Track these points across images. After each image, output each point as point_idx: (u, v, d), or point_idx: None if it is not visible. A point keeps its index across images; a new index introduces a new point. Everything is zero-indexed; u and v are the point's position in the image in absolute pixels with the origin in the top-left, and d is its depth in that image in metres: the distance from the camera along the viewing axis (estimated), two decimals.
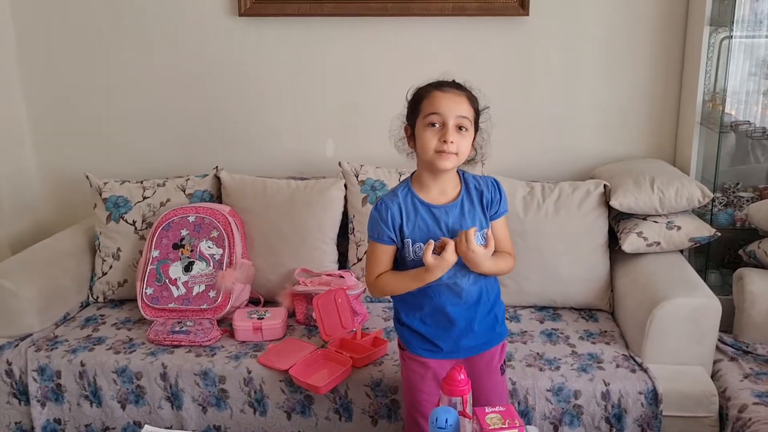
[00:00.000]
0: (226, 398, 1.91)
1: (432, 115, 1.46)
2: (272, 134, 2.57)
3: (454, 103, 1.46)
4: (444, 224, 1.51)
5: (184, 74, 2.55)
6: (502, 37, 2.41)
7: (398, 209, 1.51)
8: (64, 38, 2.56)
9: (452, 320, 1.55)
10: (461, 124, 1.46)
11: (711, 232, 2.12)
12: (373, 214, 1.54)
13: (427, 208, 1.51)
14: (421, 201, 1.52)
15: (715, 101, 2.26)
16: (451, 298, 1.53)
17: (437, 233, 1.50)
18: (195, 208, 2.25)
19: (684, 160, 2.37)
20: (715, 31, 2.22)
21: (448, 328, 1.56)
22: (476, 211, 1.53)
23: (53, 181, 2.70)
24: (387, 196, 1.55)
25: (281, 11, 2.42)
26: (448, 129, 1.45)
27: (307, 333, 2.08)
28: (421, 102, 1.50)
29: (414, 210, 1.52)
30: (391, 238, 1.51)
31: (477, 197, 1.54)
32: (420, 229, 1.50)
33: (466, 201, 1.53)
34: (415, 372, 1.61)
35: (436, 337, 1.57)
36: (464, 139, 1.47)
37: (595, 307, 2.20)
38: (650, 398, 1.78)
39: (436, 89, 1.49)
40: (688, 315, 1.85)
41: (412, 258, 1.51)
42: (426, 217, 1.51)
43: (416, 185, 1.55)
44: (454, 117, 1.46)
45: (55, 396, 1.97)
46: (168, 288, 2.16)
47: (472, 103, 1.50)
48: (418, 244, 1.50)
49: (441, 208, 1.51)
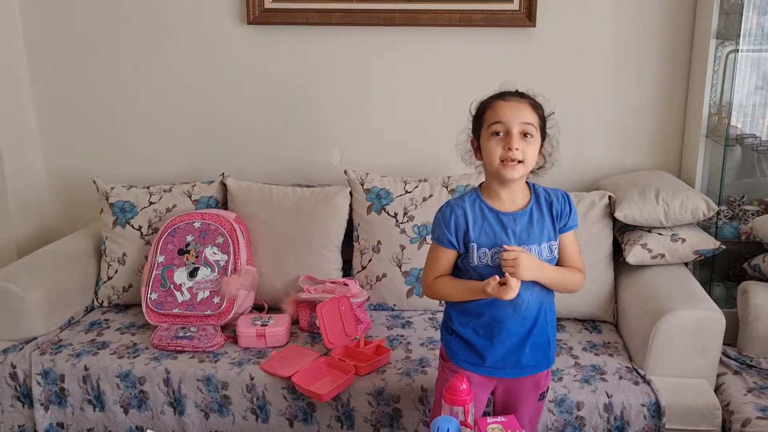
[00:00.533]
0: (229, 404, 1.91)
1: (495, 124, 1.45)
2: (279, 141, 2.59)
3: (517, 110, 1.45)
4: (511, 231, 1.48)
5: (193, 81, 2.57)
6: (509, 48, 2.42)
7: (463, 214, 1.49)
8: (73, 45, 2.58)
9: (508, 333, 1.51)
10: (525, 130, 1.45)
11: (716, 245, 2.12)
12: (437, 216, 1.53)
13: (495, 214, 1.49)
14: (489, 207, 1.50)
15: (721, 114, 2.26)
16: (510, 311, 1.50)
17: (504, 240, 1.47)
18: (201, 214, 2.27)
19: (689, 173, 2.37)
20: (722, 44, 2.23)
21: (501, 342, 1.52)
22: (545, 221, 1.51)
23: (61, 186, 2.72)
24: (454, 201, 1.54)
25: (290, 20, 2.43)
26: (512, 136, 1.43)
27: (311, 340, 2.09)
28: (484, 113, 1.49)
29: (482, 215, 1.49)
30: (451, 241, 1.49)
31: (547, 207, 1.51)
32: (486, 235, 1.48)
33: (535, 210, 1.51)
34: None
35: (485, 348, 1.53)
36: (530, 146, 1.45)
37: (599, 319, 2.19)
38: (653, 411, 1.78)
39: (498, 99, 1.48)
40: (692, 328, 1.85)
41: (475, 264, 1.48)
42: (493, 223, 1.49)
43: (485, 194, 1.53)
44: (518, 124, 1.44)
45: (58, 400, 1.98)
46: (173, 293, 2.17)
47: (536, 110, 1.48)
48: (483, 250, 1.47)
49: (509, 215, 1.49)
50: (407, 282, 2.22)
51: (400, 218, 2.23)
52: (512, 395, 1.60)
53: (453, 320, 1.58)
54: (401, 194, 2.25)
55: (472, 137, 1.56)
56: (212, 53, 2.53)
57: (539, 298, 1.52)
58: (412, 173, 2.37)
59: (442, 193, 2.25)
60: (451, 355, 1.59)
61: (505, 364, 1.54)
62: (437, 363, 1.92)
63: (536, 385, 1.60)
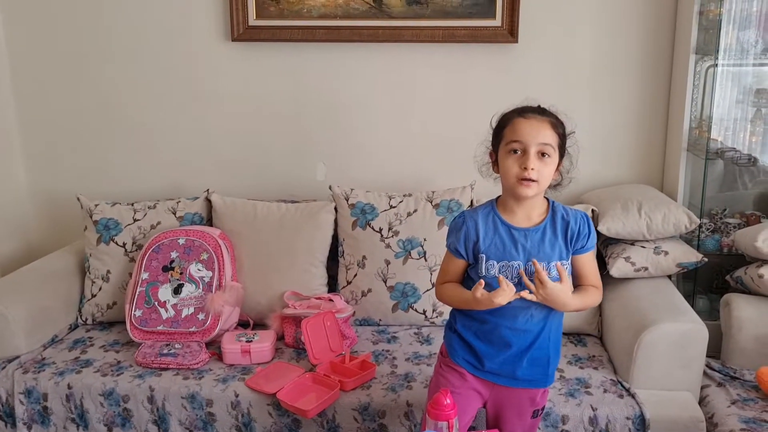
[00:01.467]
0: (214, 422, 1.90)
1: (514, 142, 1.46)
2: (263, 158, 2.59)
3: (536, 130, 1.45)
4: (521, 246, 1.48)
5: (177, 98, 2.57)
6: (492, 64, 2.44)
7: (474, 225, 1.51)
8: (56, 62, 2.58)
9: (507, 343, 1.53)
10: (543, 150, 1.45)
11: (698, 257, 2.14)
12: (452, 224, 1.57)
13: (507, 228, 1.50)
14: (502, 221, 1.51)
15: (702, 128, 2.29)
16: (510, 321, 1.51)
17: (513, 255, 1.48)
18: (185, 230, 2.26)
19: (671, 186, 2.39)
20: (701, 59, 2.26)
21: (501, 350, 1.54)
22: (558, 240, 1.50)
23: (44, 203, 2.71)
24: (468, 212, 1.56)
25: (274, 37, 2.45)
26: (529, 156, 1.44)
27: (296, 356, 2.08)
28: (504, 128, 1.50)
29: (494, 228, 1.51)
30: (459, 251, 1.53)
31: (562, 227, 1.51)
32: (496, 248, 1.49)
33: (549, 228, 1.51)
34: (450, 382, 1.58)
35: (485, 355, 1.55)
36: (546, 166, 1.46)
37: (584, 332, 2.20)
38: (638, 424, 1.78)
39: (519, 116, 1.48)
40: (676, 340, 1.86)
41: (483, 274, 1.49)
42: (504, 237, 1.49)
43: (500, 208, 1.54)
44: (536, 144, 1.44)
45: (41, 419, 1.96)
46: (157, 310, 2.16)
47: (556, 129, 1.48)
48: (492, 262, 1.48)
49: (521, 231, 1.50)
50: (392, 297, 2.22)
51: (385, 233, 2.24)
52: (505, 407, 1.60)
53: (457, 321, 1.59)
54: (386, 209, 2.26)
55: (491, 149, 1.57)
56: (196, 70, 2.54)
57: (544, 314, 1.52)
58: (397, 188, 2.38)
59: (426, 208, 2.26)
60: (450, 352, 1.60)
61: (502, 372, 1.56)
62: (422, 378, 1.93)
63: (531, 402, 1.60)
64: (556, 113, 1.52)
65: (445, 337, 1.65)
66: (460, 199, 2.28)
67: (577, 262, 1.54)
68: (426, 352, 2.08)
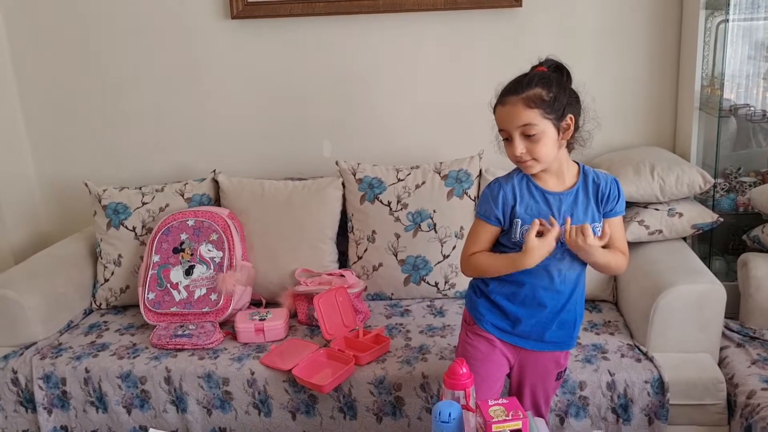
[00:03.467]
0: (231, 400, 1.91)
1: (500, 131, 1.48)
2: (269, 136, 2.57)
3: (512, 114, 1.44)
4: (556, 210, 1.49)
5: (179, 79, 2.55)
6: (496, 30, 2.40)
7: (512, 190, 1.50)
8: (57, 48, 2.56)
9: (541, 304, 1.52)
10: (525, 132, 1.43)
11: (713, 218, 2.10)
12: (485, 192, 1.54)
13: (541, 192, 1.50)
14: (536, 186, 1.50)
15: (714, 86, 2.24)
16: (547, 282, 1.51)
17: (548, 218, 1.48)
18: (194, 212, 2.25)
19: (684, 147, 2.35)
20: (711, 14, 2.20)
21: (535, 312, 1.53)
22: (590, 202, 1.51)
23: (53, 190, 2.71)
24: (502, 178, 1.54)
25: (273, 12, 2.41)
26: (514, 141, 1.44)
27: (309, 333, 2.08)
28: (495, 117, 1.51)
29: (528, 192, 1.50)
30: (498, 218, 1.50)
31: (593, 190, 1.52)
32: (531, 212, 1.49)
33: (581, 191, 1.51)
34: (478, 350, 1.57)
35: (519, 316, 1.54)
36: (536, 143, 1.43)
37: (599, 298, 2.18)
38: (656, 387, 1.77)
39: (498, 104, 1.48)
40: (693, 302, 1.84)
41: (517, 239, 1.49)
42: (539, 201, 1.49)
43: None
44: (516, 128, 1.44)
45: (61, 403, 1.98)
46: (170, 292, 2.17)
47: (533, 103, 1.42)
48: (527, 226, 1.47)
49: (555, 195, 1.50)
50: (404, 270, 2.21)
51: (393, 207, 2.22)
52: (529, 372, 1.60)
53: (488, 284, 1.57)
54: (394, 182, 2.24)
55: None
56: (197, 50, 2.51)
57: (577, 273, 1.53)
58: (404, 161, 2.35)
59: (434, 180, 2.24)
60: (476, 316, 1.59)
61: (530, 335, 1.55)
62: (437, 350, 1.93)
63: (556, 364, 1.60)
64: (533, 77, 1.45)
65: (468, 303, 1.63)
66: (468, 169, 2.25)
67: (606, 225, 1.53)
68: (439, 324, 2.07)
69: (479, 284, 1.60)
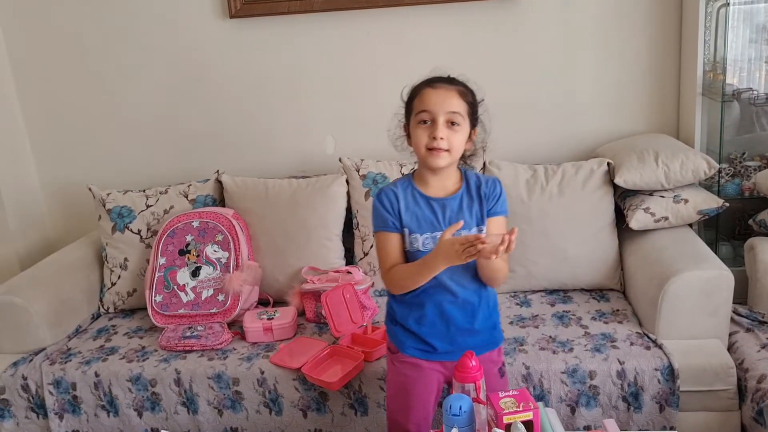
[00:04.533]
0: (241, 400, 1.91)
1: (422, 112, 1.46)
2: (271, 134, 2.57)
3: (444, 98, 1.45)
4: (442, 216, 1.50)
5: (179, 80, 2.55)
6: (496, 21, 2.39)
7: (395, 197, 1.50)
8: (56, 53, 2.56)
9: (450, 319, 1.51)
10: (452, 119, 1.45)
11: (719, 203, 2.09)
12: (375, 203, 1.53)
13: (425, 200, 1.51)
14: (420, 193, 1.52)
15: (716, 71, 2.23)
16: (449, 297, 1.50)
17: (435, 226, 1.49)
18: (198, 213, 2.25)
19: (688, 133, 2.34)
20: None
21: (446, 328, 1.52)
22: (474, 205, 1.52)
23: (57, 196, 2.72)
24: (386, 187, 1.55)
25: (271, 10, 2.41)
26: (437, 125, 1.44)
27: (318, 330, 2.08)
28: (413, 100, 1.50)
29: (413, 200, 1.51)
30: (395, 224, 1.50)
31: (476, 192, 1.52)
32: (418, 220, 1.49)
33: (465, 196, 1.52)
34: (407, 375, 1.56)
35: (432, 336, 1.53)
36: (456, 134, 1.46)
37: (606, 287, 2.18)
38: (667, 374, 1.76)
39: (427, 86, 1.48)
40: (701, 288, 1.83)
41: (408, 249, 1.50)
42: (424, 208, 1.50)
43: (417, 180, 1.54)
44: (444, 113, 1.44)
45: (72, 408, 1.99)
46: (177, 294, 2.17)
47: (465, 97, 1.48)
48: (415, 235, 1.49)
49: (439, 201, 1.51)
50: None
51: None
52: None
53: (395, 312, 1.57)
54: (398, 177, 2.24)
55: (404, 122, 1.56)
56: (196, 50, 2.51)
57: (476, 285, 1.52)
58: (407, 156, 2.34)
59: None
60: (398, 345, 1.57)
61: (455, 347, 1.52)
62: None
63: (493, 363, 1.58)
64: (465, 82, 1.50)
65: (388, 332, 1.61)
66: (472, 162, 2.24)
67: (489, 226, 1.53)
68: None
69: (391, 313, 1.59)
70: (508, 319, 2.04)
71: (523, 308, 2.10)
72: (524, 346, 1.88)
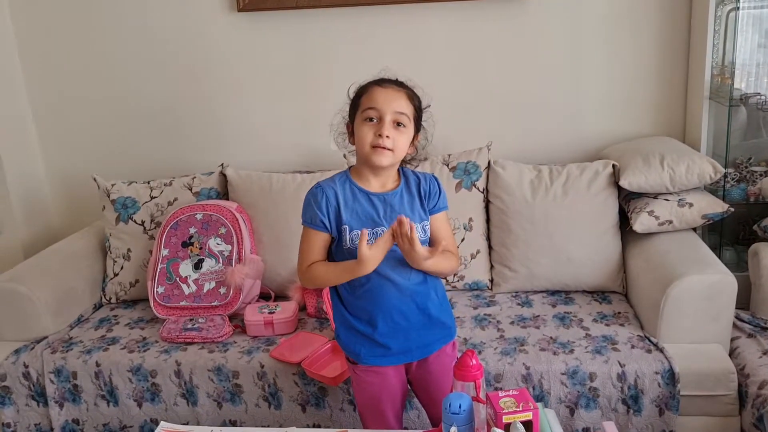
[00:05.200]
0: (241, 393, 1.91)
1: (369, 110, 1.45)
2: (276, 129, 2.57)
3: (392, 98, 1.45)
4: (382, 211, 1.49)
5: (186, 73, 2.55)
6: (504, 20, 2.38)
7: (334, 194, 1.48)
8: (63, 44, 2.57)
9: (402, 314, 1.50)
10: (398, 120, 1.45)
11: (724, 207, 2.09)
12: (308, 197, 1.50)
13: (365, 195, 1.49)
14: (360, 188, 1.50)
15: (724, 75, 2.22)
16: (395, 292, 1.49)
17: (377, 221, 1.48)
18: (202, 205, 2.26)
19: (694, 137, 2.33)
20: (722, 3, 2.18)
21: (399, 325, 1.51)
22: (415, 201, 1.52)
23: (62, 185, 2.72)
24: (324, 182, 1.52)
25: (280, 5, 2.40)
26: (384, 124, 1.44)
27: (319, 326, 2.08)
28: (360, 97, 1.49)
29: (353, 197, 1.49)
30: (324, 223, 1.47)
31: (416, 189, 1.53)
32: (358, 216, 1.48)
33: (405, 191, 1.52)
34: (372, 383, 1.56)
35: (386, 337, 1.51)
36: (401, 135, 1.46)
37: (608, 289, 2.17)
38: (667, 378, 1.76)
39: (375, 85, 1.48)
40: (703, 292, 1.83)
41: (348, 247, 1.47)
42: (365, 204, 1.49)
43: (355, 176, 1.52)
44: (391, 112, 1.44)
45: (72, 397, 1.99)
46: (179, 286, 2.17)
47: (412, 101, 1.49)
48: (356, 232, 1.46)
49: (380, 196, 1.50)
50: None
51: None
52: (428, 378, 1.58)
53: (346, 315, 1.54)
54: None
55: (347, 120, 1.55)
56: (204, 43, 2.51)
57: (423, 277, 1.51)
58: None
59: (443, 171, 2.23)
60: (355, 357, 1.56)
61: (409, 347, 1.52)
62: None
63: (449, 357, 1.58)
64: (413, 87, 1.51)
65: (340, 343, 1.59)
66: (477, 161, 2.25)
67: (432, 223, 1.53)
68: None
69: (340, 316, 1.56)
70: (509, 318, 2.04)
71: (525, 308, 2.10)
72: (525, 346, 1.88)
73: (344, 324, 1.56)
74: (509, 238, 2.18)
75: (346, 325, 1.55)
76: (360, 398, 1.63)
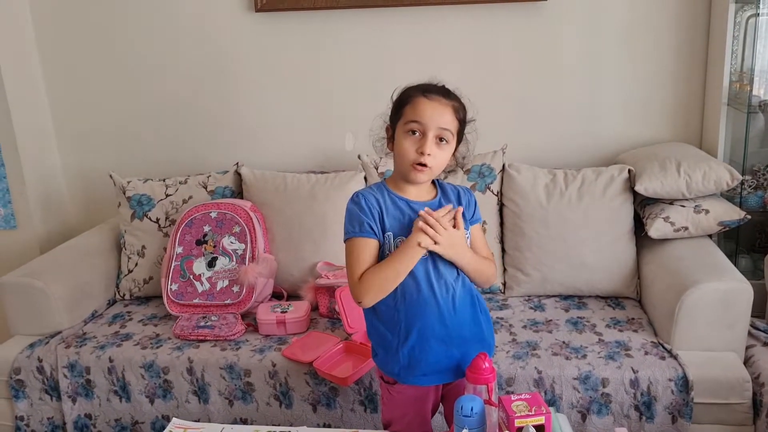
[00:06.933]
0: (252, 391, 1.92)
1: (413, 122, 1.39)
2: (291, 129, 2.58)
3: (438, 113, 1.39)
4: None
5: (204, 72, 2.56)
6: (522, 24, 2.38)
7: (376, 201, 1.43)
8: (83, 42, 2.59)
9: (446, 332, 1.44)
10: (442, 135, 1.40)
11: (740, 215, 2.07)
12: (350, 207, 1.44)
13: (405, 202, 1.44)
14: (398, 196, 1.45)
15: (743, 81, 2.20)
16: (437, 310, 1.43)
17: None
18: (217, 204, 2.27)
19: (711, 143, 2.31)
20: (741, 8, 2.16)
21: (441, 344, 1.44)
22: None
23: (79, 182, 2.74)
24: (362, 190, 1.48)
25: (297, 5, 2.41)
26: (427, 140, 1.38)
27: (331, 326, 2.09)
28: (404, 106, 1.43)
29: (393, 204, 1.44)
30: (373, 229, 1.41)
31: (455, 200, 1.49)
32: (401, 223, 1.43)
33: (444, 201, 1.48)
34: (407, 400, 1.51)
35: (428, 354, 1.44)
36: (443, 151, 1.41)
37: (622, 295, 2.16)
38: (681, 385, 1.74)
39: (422, 95, 1.41)
40: (719, 300, 1.81)
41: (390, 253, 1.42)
42: (405, 210, 1.44)
43: (392, 186, 1.48)
44: (435, 128, 1.39)
45: (85, 391, 2.01)
46: (192, 284, 2.18)
47: (457, 114, 1.42)
48: (400, 238, 1.42)
49: (420, 204, 1.44)
50: None
51: None
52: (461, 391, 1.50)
53: (384, 335, 1.47)
54: None
55: (388, 124, 1.50)
56: (221, 43, 2.53)
57: (465, 286, 1.46)
58: None
59: (457, 174, 2.22)
60: (395, 377, 1.48)
61: (451, 365, 1.46)
62: None
63: None
64: (460, 97, 1.45)
65: (378, 362, 1.52)
66: (491, 164, 2.24)
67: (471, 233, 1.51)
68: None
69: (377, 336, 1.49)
70: (521, 322, 2.03)
71: (537, 312, 2.09)
72: (537, 350, 1.87)
73: (383, 344, 1.48)
74: (523, 241, 2.17)
75: (384, 344, 1.48)
76: (388, 414, 1.56)
